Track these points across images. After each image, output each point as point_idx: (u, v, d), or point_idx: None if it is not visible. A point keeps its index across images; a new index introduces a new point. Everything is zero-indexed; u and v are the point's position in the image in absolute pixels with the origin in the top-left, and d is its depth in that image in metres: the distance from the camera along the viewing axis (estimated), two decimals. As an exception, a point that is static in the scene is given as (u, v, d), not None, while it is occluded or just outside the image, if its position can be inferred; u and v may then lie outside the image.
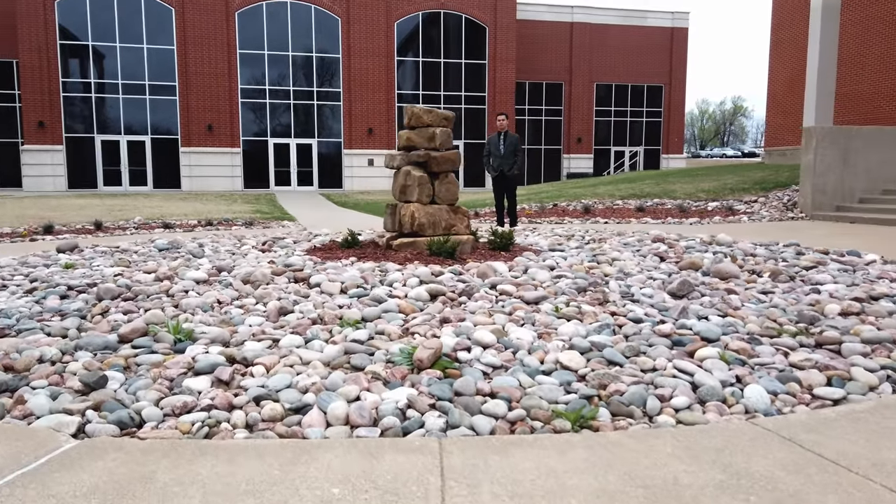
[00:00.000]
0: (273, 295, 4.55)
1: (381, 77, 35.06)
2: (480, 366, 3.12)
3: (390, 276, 5.15)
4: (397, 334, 3.66)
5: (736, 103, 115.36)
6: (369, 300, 4.37)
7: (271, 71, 34.19)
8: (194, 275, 5.12)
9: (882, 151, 13.18)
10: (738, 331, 3.72)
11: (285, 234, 9.91)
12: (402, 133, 6.98)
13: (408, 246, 6.69)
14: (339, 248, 7.05)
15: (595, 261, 6.15)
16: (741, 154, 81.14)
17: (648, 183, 17.92)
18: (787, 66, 27.66)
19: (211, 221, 13.13)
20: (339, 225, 12.51)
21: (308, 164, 34.82)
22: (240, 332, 3.72)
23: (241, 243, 8.14)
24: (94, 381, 2.89)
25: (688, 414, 2.66)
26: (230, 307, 4.32)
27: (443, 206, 6.93)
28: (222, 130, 33.55)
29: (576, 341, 3.39)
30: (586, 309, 4.12)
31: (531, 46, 41.32)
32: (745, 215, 12.66)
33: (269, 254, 6.84)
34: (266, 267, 5.61)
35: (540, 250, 6.95)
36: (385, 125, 35.25)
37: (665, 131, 45.55)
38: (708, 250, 7.05)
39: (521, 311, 4.07)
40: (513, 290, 4.62)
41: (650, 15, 45.05)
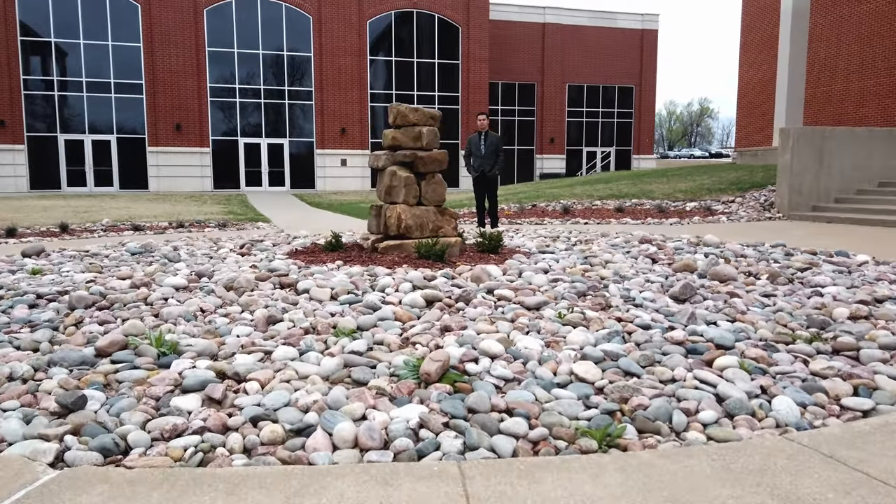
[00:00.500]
0: (259, 302, 4.31)
1: (353, 76, 34.71)
2: (492, 379, 2.93)
3: (381, 280, 4.93)
4: (397, 344, 3.45)
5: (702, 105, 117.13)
6: (363, 307, 4.15)
7: (241, 69, 33.62)
8: (173, 281, 4.84)
9: (856, 152, 13.32)
10: (751, 337, 3.59)
11: (262, 236, 9.61)
12: (388, 132, 6.77)
13: (394, 249, 6.47)
14: (323, 251, 6.80)
15: (588, 263, 6.01)
16: (709, 155, 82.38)
17: (625, 183, 17.93)
18: (756, 68, 28.01)
19: (182, 223, 12.74)
20: (315, 226, 12.22)
21: (279, 165, 34.31)
22: (228, 344, 3.48)
23: (217, 246, 7.84)
24: (72, 401, 2.64)
25: (718, 429, 2.50)
26: (214, 316, 4.07)
27: (430, 207, 6.73)
28: (191, 130, 32.88)
29: (588, 350, 3.22)
30: (590, 315, 3.96)
31: (504, 47, 41.33)
32: (723, 215, 12.68)
33: (248, 258, 6.57)
34: (249, 272, 5.35)
35: (529, 252, 6.79)
36: (358, 125, 34.91)
37: (636, 132, 45.94)
38: (697, 252, 6.97)
39: (523, 317, 3.89)
40: (511, 295, 4.44)
41: (620, 16, 45.39)
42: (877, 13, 22.73)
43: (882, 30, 22.53)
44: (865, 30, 23.07)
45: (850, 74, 23.71)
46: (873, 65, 22.84)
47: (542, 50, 42.63)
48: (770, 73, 27.10)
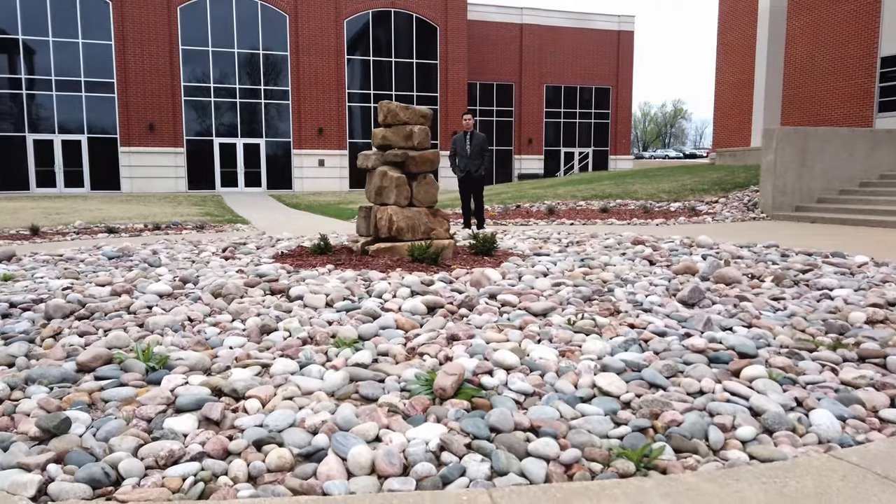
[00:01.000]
0: (251, 310, 4.07)
1: (330, 76, 34.34)
2: (511, 393, 2.73)
3: (376, 285, 4.71)
4: (403, 355, 3.24)
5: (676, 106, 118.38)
6: (362, 315, 3.93)
7: (216, 68, 33.08)
8: (156, 287, 4.57)
9: (837, 152, 13.38)
10: (771, 344, 3.44)
11: (243, 238, 9.32)
12: (377, 131, 6.55)
13: (386, 251, 6.26)
14: (310, 254, 6.56)
15: (586, 266, 5.85)
16: (683, 155, 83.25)
17: (607, 184, 17.88)
18: (733, 69, 28.22)
19: (159, 225, 12.37)
20: (296, 228, 11.94)
21: (256, 165, 33.82)
22: (221, 357, 3.24)
23: (198, 249, 7.56)
24: (54, 425, 2.39)
25: (760, 448, 2.33)
26: (203, 325, 3.82)
27: (422, 208, 6.53)
28: (164, 129, 32.26)
29: (608, 361, 3.04)
30: (601, 321, 3.79)
31: (482, 47, 41.25)
32: (708, 216, 12.65)
33: (233, 261, 6.31)
34: (237, 277, 5.09)
35: (524, 254, 6.62)
36: (336, 125, 34.55)
37: (612, 132, 46.16)
38: (693, 253, 6.86)
39: (532, 325, 3.71)
40: (515, 300, 4.25)
41: (597, 18, 45.57)
42: (851, 16, 23.02)
43: (856, 32, 22.81)
44: (840, 32, 23.34)
45: (826, 76, 23.97)
46: (848, 66, 23.11)
47: (519, 50, 42.64)
48: (747, 74, 27.32)
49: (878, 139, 13.71)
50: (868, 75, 22.48)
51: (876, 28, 22.17)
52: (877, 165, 13.72)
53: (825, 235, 9.70)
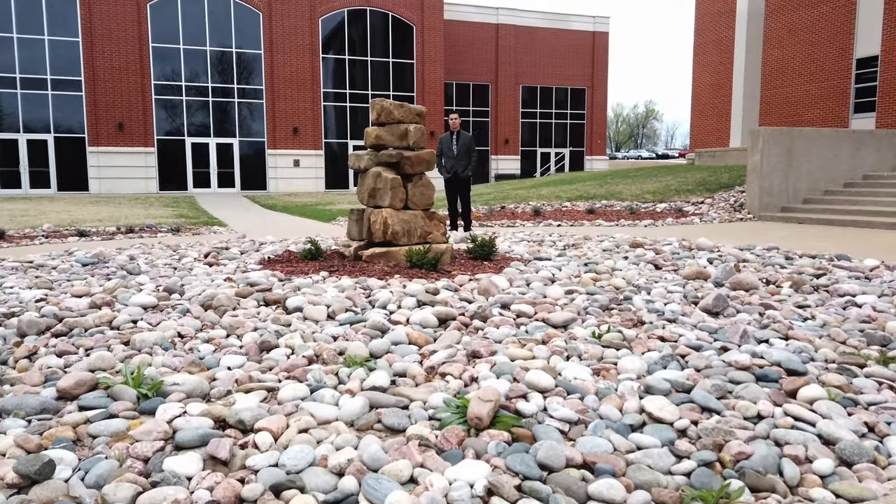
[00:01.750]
0: (246, 324, 3.73)
1: (305, 74, 33.81)
2: (554, 422, 2.45)
3: (378, 295, 4.41)
4: (423, 376, 2.94)
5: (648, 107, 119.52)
6: (369, 329, 3.62)
7: (188, 66, 32.35)
8: (140, 299, 4.21)
9: (823, 153, 13.37)
10: (815, 358, 3.21)
11: (223, 242, 8.92)
12: (370, 130, 6.23)
13: (380, 257, 5.95)
14: (301, 259, 6.22)
15: (593, 271, 5.60)
16: (655, 156, 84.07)
17: (590, 184, 17.73)
18: (710, 70, 28.36)
19: (132, 228, 11.88)
20: (278, 231, 11.55)
21: (229, 165, 33.16)
22: (220, 379, 2.91)
23: (178, 255, 7.16)
24: (35, 469, 2.05)
25: (843, 485, 2.08)
26: (196, 342, 3.48)
27: (417, 211, 6.23)
28: (134, 129, 31.46)
29: (650, 381, 2.77)
30: (628, 334, 3.53)
31: (458, 47, 41.04)
32: (695, 217, 12.53)
33: (218, 268, 5.94)
34: (226, 286, 4.74)
35: (524, 259, 6.35)
36: (311, 124, 34.03)
37: (588, 133, 46.29)
38: (695, 256, 6.66)
39: (557, 339, 3.43)
40: (530, 310, 3.98)
41: (572, 18, 45.65)
42: (825, 18, 23.23)
43: (830, 35, 23.02)
44: (815, 34, 23.55)
45: (800, 77, 24.16)
46: (822, 68, 23.32)
47: (495, 51, 42.51)
48: (724, 75, 27.46)
49: (862, 140, 13.74)
50: (844, 77, 22.70)
51: (851, 30, 22.39)
52: (860, 166, 13.74)
53: (817, 237, 9.60)
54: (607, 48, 46.64)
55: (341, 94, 34.80)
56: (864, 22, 22.05)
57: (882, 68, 21.50)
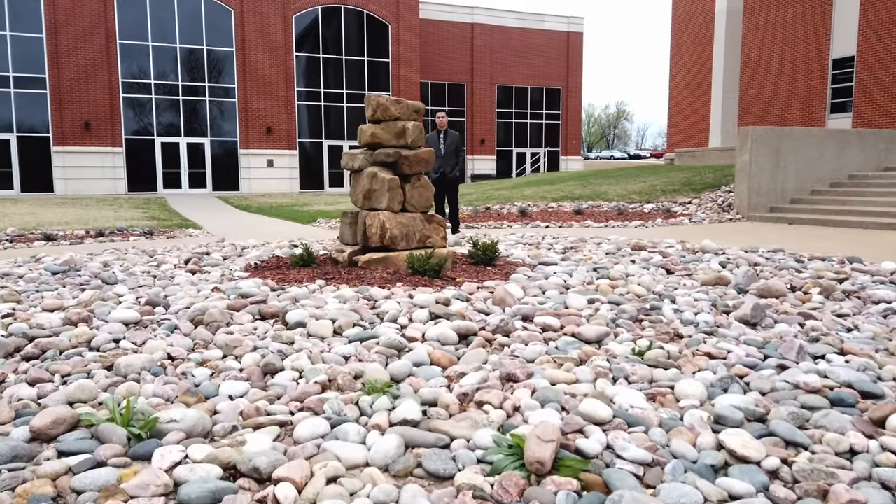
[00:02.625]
0: (244, 343, 3.32)
1: (278, 73, 33.16)
2: (625, 464, 2.10)
3: (384, 306, 4.03)
4: (457, 405, 2.57)
5: (619, 108, 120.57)
6: (383, 347, 3.24)
7: (157, 64, 31.51)
8: (121, 314, 3.77)
9: (809, 152, 13.29)
10: (881, 377, 2.91)
11: (202, 246, 8.45)
12: (365, 128, 5.84)
13: (378, 263, 5.56)
14: (291, 266, 5.80)
15: (606, 277, 5.29)
16: (627, 156, 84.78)
17: (573, 185, 17.50)
18: (687, 70, 28.40)
19: (102, 232, 11.30)
20: (256, 233, 11.06)
21: (201, 165, 32.37)
22: (222, 412, 2.52)
23: (155, 261, 6.69)
24: (7, 543, 1.64)
25: (981, 538, 1.77)
26: (189, 365, 3.06)
27: (416, 214, 5.85)
28: (102, 128, 30.54)
29: (719, 409, 2.44)
30: (670, 349, 3.21)
31: (433, 46, 40.70)
32: (684, 217, 12.34)
33: (201, 276, 5.50)
34: (215, 297, 4.32)
35: (529, 264, 6.02)
36: (285, 124, 33.39)
37: (563, 133, 46.30)
38: (703, 260, 6.39)
39: (596, 358, 3.08)
40: (556, 323, 3.64)
41: (547, 18, 45.63)
42: (801, 18, 23.36)
43: (806, 34, 23.16)
44: (791, 34, 23.67)
45: (777, 77, 24.28)
46: (799, 68, 23.45)
47: (471, 50, 42.27)
48: (701, 75, 27.52)
49: (847, 139, 13.69)
50: (820, 77, 22.84)
51: (828, 30, 22.53)
52: (846, 165, 13.70)
53: (813, 237, 9.43)
54: (582, 48, 46.71)
55: (315, 93, 34.22)
56: (840, 23, 22.20)
57: (858, 69, 21.66)
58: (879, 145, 13.97)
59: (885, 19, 20.79)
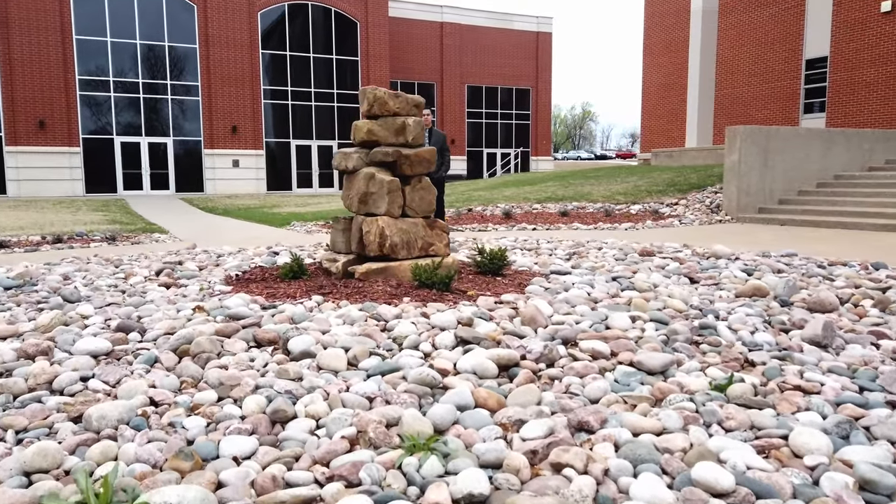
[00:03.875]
0: (244, 381, 2.74)
1: (244, 70, 32.20)
2: (784, 560, 1.59)
3: (399, 328, 3.48)
4: (527, 468, 2.04)
5: (585, 109, 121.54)
6: (414, 384, 2.69)
7: (116, 60, 30.31)
8: (88, 344, 3.15)
9: (796, 152, 13.08)
10: None
11: (174, 254, 7.77)
12: (361, 124, 5.27)
13: (377, 274, 4.99)
14: (279, 278, 5.19)
15: (633, 288, 4.81)
16: (594, 156, 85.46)
17: (553, 185, 17.11)
18: (661, 71, 28.32)
19: (60, 237, 10.48)
20: (227, 238, 10.37)
21: (163, 166, 31.24)
22: (229, 486, 1.94)
23: (122, 272, 6.01)
24: None
25: None
26: (176, 412, 2.47)
27: (417, 219, 5.30)
28: (57, 127, 29.24)
29: (863, 471, 1.95)
30: (752, 381, 2.72)
31: (403, 45, 40.10)
32: (673, 219, 12.01)
33: (178, 291, 4.86)
34: (199, 319, 3.70)
35: (540, 272, 5.52)
36: (251, 123, 32.44)
37: (533, 134, 46.13)
38: (719, 266, 5.97)
39: (674, 396, 2.57)
40: (604, 348, 3.13)
41: (516, 18, 45.42)
42: (774, 19, 23.39)
43: (779, 35, 23.20)
44: (764, 34, 23.70)
45: (751, 77, 24.29)
46: (772, 68, 23.48)
47: (440, 49, 41.78)
48: (675, 75, 27.45)
49: (832, 139, 13.53)
50: (794, 77, 22.89)
51: (801, 31, 22.58)
52: (831, 166, 13.53)
53: (813, 240, 9.13)
54: (551, 48, 46.60)
55: (282, 91, 33.35)
56: (813, 23, 22.27)
57: (831, 69, 21.74)
58: (864, 145, 13.85)
59: (858, 20, 20.88)
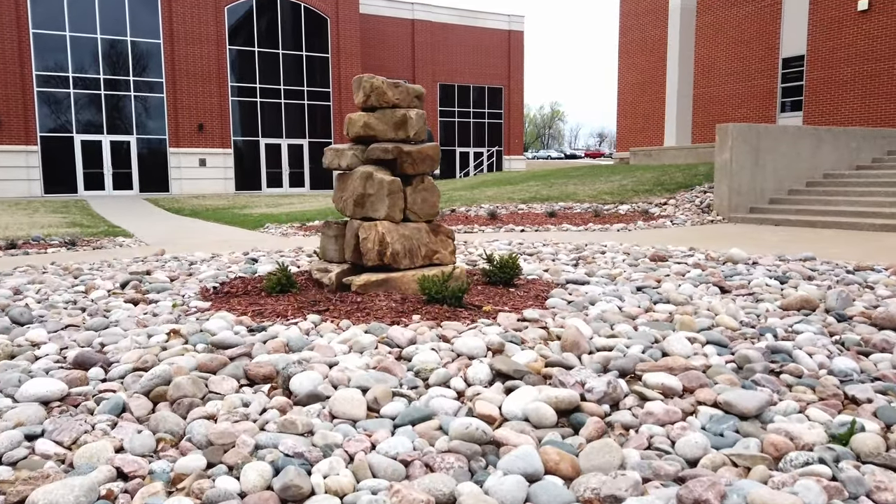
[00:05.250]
0: (240, 440, 2.13)
1: (210, 67, 31.20)
2: None
3: (418, 357, 2.90)
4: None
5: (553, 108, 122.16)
6: (459, 441, 2.12)
7: (76, 56, 29.10)
8: (38, 388, 2.50)
9: (786, 150, 12.79)
10: None
11: (140, 261, 7.06)
12: (356, 117, 4.66)
13: (378, 287, 4.40)
14: (266, 292, 4.56)
15: (667, 301, 4.29)
16: (564, 156, 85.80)
17: (535, 185, 16.64)
18: (637, 69, 28.10)
19: (14, 242, 9.65)
20: (198, 242, 9.64)
21: (126, 165, 30.10)
22: None
23: (82, 284, 5.32)
24: None
25: None
26: (152, 491, 1.86)
27: (420, 223, 4.72)
28: (13, 125, 27.94)
29: None
30: (872, 427, 2.21)
31: (374, 42, 39.38)
32: (663, 219, 11.60)
33: (146, 308, 4.21)
34: (176, 348, 3.06)
35: (554, 282, 4.98)
36: (218, 121, 31.44)
37: (506, 133, 45.83)
38: (750, 273, 5.51)
39: (794, 455, 2.04)
40: (677, 384, 2.59)
41: (488, 17, 45.06)
42: (751, 17, 23.29)
43: (756, 33, 23.10)
44: (741, 33, 23.58)
45: (728, 76, 24.17)
46: (749, 67, 23.38)
47: (412, 47, 41.17)
48: (651, 73, 27.25)
49: (821, 137, 13.28)
50: (770, 76, 22.80)
51: (777, 29, 22.50)
52: (820, 164, 13.28)
53: (816, 240, 8.77)
54: (523, 47, 46.34)
55: (251, 88, 32.41)
56: (790, 22, 22.19)
57: (808, 68, 21.68)
58: (851, 144, 13.63)
59: (835, 18, 20.83)
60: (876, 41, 19.65)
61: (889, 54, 19.30)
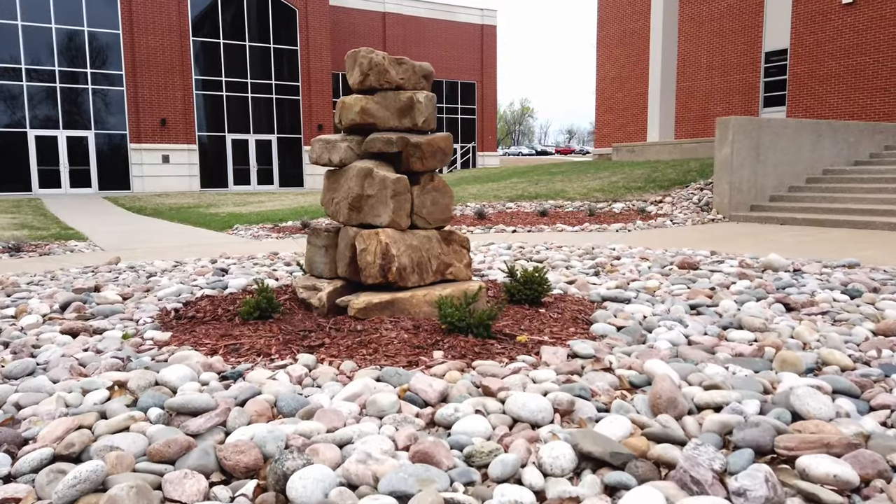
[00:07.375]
0: None
1: (173, 59, 29.84)
2: None
3: (460, 425, 2.07)
4: None
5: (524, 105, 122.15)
6: None
7: (29, 47, 27.52)
8: None
9: (787, 145, 12.21)
10: None
11: (88, 270, 6.09)
12: (350, 100, 3.79)
13: (381, 310, 3.54)
14: (241, 317, 3.66)
15: (739, 325, 3.52)
16: (535, 152, 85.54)
17: (520, 182, 15.87)
18: (616, 63, 27.54)
19: (-51, 248, 8.54)
20: (158, 245, 8.63)
21: (84, 162, 28.61)
22: None
23: (13, 301, 4.37)
24: None
25: None
26: None
27: (429, 231, 3.87)
28: (-39, 119, 26.34)
29: None
30: None
31: (345, 36, 38.29)
32: (662, 218, 10.91)
33: (87, 340, 3.29)
34: (120, 417, 2.17)
35: (587, 298, 4.17)
36: (182, 115, 30.09)
37: (479, 129, 45.15)
38: (803, 285, 4.78)
39: None
40: (850, 474, 1.80)
41: (460, 11, 44.29)
42: (733, 10, 22.85)
43: (738, 27, 22.67)
44: (723, 26, 23.14)
45: (708, 70, 23.72)
46: (731, 61, 22.95)
47: (383, 41, 40.16)
48: (631, 67, 26.71)
49: (821, 132, 12.74)
50: (753, 70, 22.39)
51: (760, 23, 22.08)
52: (819, 160, 12.74)
53: (828, 241, 8.12)
54: (496, 42, 45.67)
55: (216, 82, 31.10)
56: (773, 15, 21.79)
57: (791, 62, 21.29)
58: (849, 138, 13.13)
59: (818, 11, 20.46)
60: (861, 34, 19.29)
61: (875, 48, 18.95)
